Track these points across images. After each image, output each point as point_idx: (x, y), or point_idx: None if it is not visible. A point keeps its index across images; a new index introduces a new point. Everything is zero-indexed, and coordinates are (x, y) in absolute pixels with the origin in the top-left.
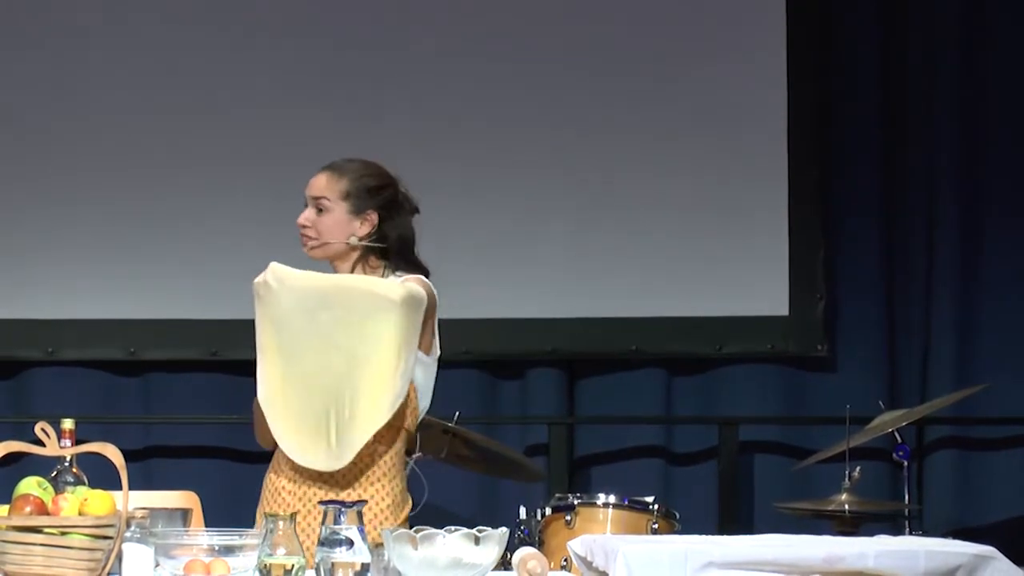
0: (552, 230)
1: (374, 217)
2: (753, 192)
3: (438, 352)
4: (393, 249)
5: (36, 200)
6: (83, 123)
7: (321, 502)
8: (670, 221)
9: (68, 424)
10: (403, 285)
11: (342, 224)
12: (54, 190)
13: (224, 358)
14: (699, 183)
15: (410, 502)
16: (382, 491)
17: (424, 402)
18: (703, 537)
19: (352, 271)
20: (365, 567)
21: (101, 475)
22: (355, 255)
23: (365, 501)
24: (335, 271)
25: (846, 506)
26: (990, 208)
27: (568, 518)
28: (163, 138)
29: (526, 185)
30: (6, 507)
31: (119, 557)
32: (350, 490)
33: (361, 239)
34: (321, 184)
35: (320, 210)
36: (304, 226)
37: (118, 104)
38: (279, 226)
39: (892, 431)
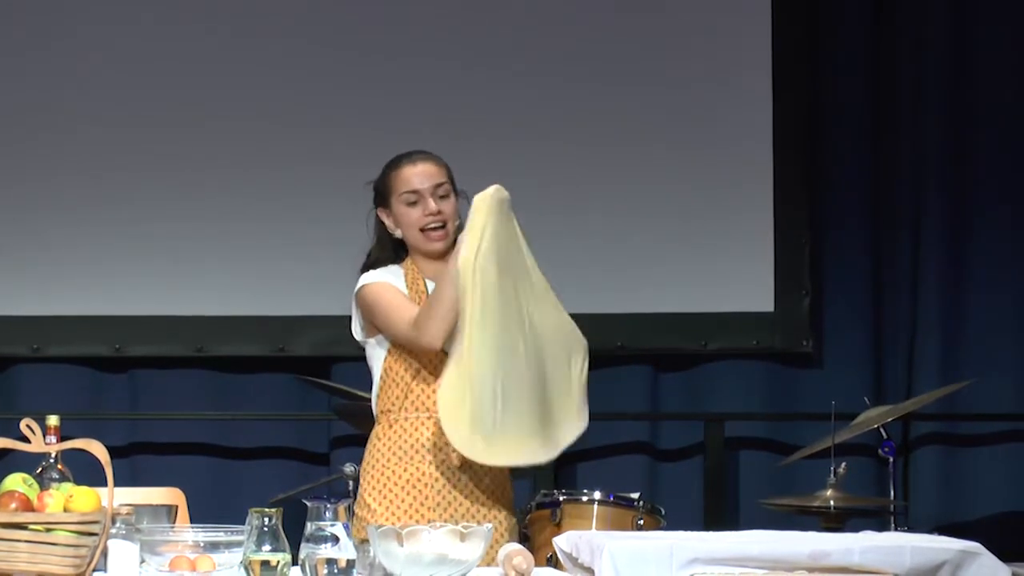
0: (537, 227)
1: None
2: (739, 188)
3: None
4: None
5: (21, 198)
6: (68, 122)
7: (306, 499)
8: (656, 217)
9: (53, 420)
10: None
11: (456, 208)
12: (40, 188)
13: (209, 354)
14: (685, 180)
15: None
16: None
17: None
18: (689, 533)
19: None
20: (351, 563)
21: (86, 471)
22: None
23: (352, 498)
24: (436, 258)
25: (831, 502)
26: (976, 206)
27: (554, 514)
28: (149, 137)
29: (512, 183)
30: None
31: (104, 553)
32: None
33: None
34: (435, 171)
35: (443, 197)
36: (437, 214)
37: (104, 104)
38: (264, 224)
39: (877, 427)
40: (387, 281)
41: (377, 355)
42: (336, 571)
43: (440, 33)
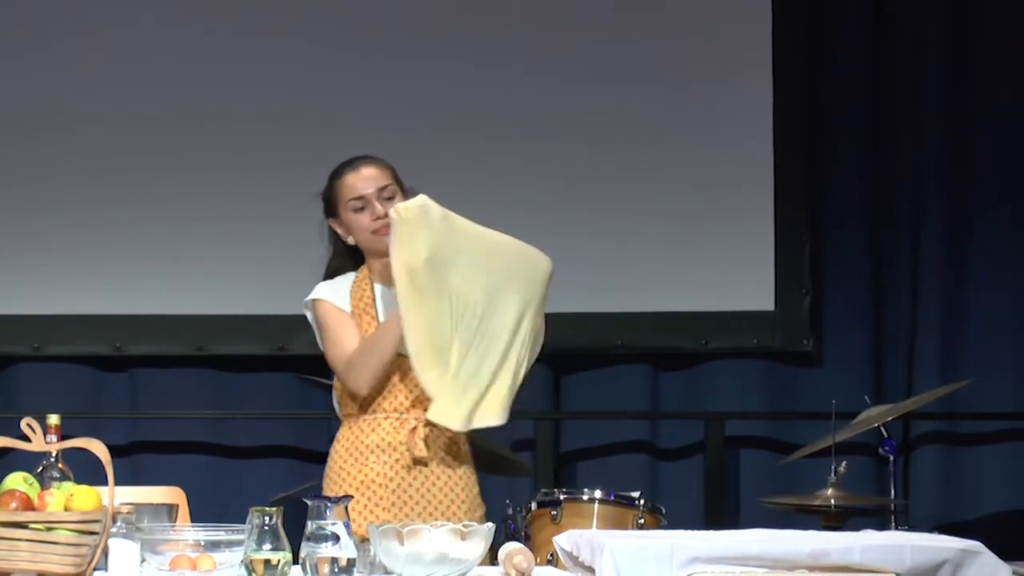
0: (538, 226)
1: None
2: (739, 187)
3: None
4: None
5: (22, 197)
6: (68, 122)
7: (306, 498)
8: (656, 217)
9: (54, 420)
10: None
11: None
12: (40, 188)
13: (210, 353)
14: (685, 178)
15: None
16: None
17: None
18: (689, 532)
19: None
20: (351, 562)
21: (87, 470)
22: None
23: (351, 496)
24: (372, 260)
25: (832, 501)
26: (976, 206)
27: (554, 513)
28: (150, 137)
29: (512, 182)
30: None
31: (105, 552)
32: None
33: None
34: (377, 175)
35: (389, 198)
36: (386, 215)
37: (104, 104)
38: (264, 223)
39: (878, 426)
40: (331, 302)
41: None
42: (337, 570)
43: (440, 33)
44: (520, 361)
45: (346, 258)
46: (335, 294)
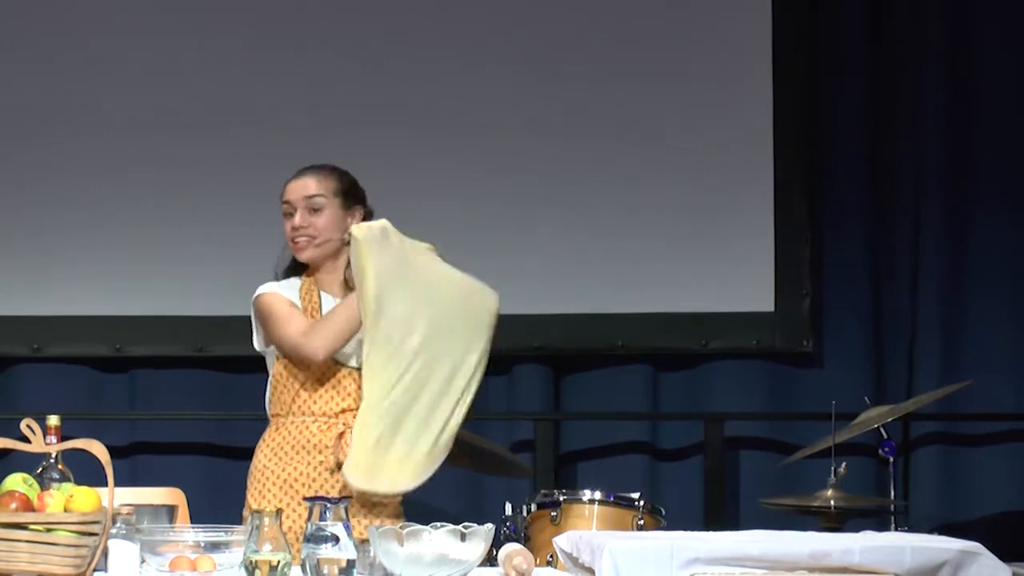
0: (538, 226)
1: (361, 212)
2: (739, 188)
3: None
4: None
5: (22, 198)
6: (69, 122)
7: (306, 498)
8: (656, 217)
9: (54, 421)
10: None
11: (338, 221)
12: (40, 188)
13: (210, 354)
14: (685, 179)
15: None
16: None
17: None
18: (689, 533)
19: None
20: (351, 563)
21: (87, 471)
22: (346, 252)
23: (351, 498)
24: (318, 269)
25: (832, 502)
26: (976, 204)
27: (554, 514)
28: (150, 139)
29: (513, 182)
30: None
31: (105, 553)
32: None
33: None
34: (311, 185)
35: (315, 210)
36: (300, 227)
37: (104, 106)
38: (264, 225)
39: (878, 427)
40: (280, 293)
41: (270, 362)
42: (337, 571)
43: (440, 33)
44: (447, 418)
45: (294, 258)
46: (284, 290)
